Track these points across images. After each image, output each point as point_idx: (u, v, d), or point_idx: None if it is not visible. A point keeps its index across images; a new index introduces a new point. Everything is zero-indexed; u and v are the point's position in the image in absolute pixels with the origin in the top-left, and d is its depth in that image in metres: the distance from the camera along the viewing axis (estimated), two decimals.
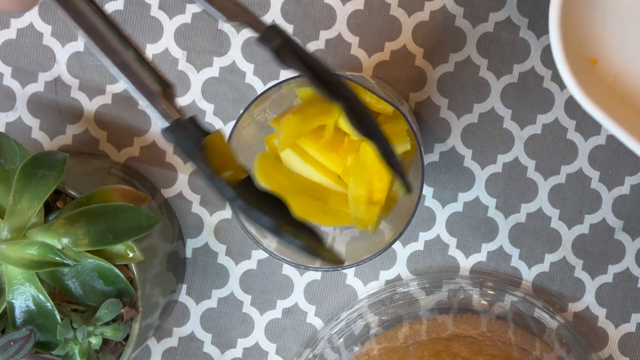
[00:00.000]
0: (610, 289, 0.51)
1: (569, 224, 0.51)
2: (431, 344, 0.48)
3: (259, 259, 0.51)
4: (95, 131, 0.50)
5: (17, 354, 0.37)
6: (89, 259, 0.40)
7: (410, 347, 0.48)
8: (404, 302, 0.50)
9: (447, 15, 0.49)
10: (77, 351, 0.39)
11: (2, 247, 0.38)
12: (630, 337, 0.52)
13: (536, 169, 0.50)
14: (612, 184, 0.51)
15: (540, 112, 0.50)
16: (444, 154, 0.50)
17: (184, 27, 0.49)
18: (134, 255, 0.41)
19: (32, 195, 0.39)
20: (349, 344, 0.50)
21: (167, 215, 0.49)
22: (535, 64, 0.50)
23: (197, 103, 0.50)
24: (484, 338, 0.49)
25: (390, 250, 0.51)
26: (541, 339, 0.50)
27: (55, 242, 0.39)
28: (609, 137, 0.50)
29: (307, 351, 0.50)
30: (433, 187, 0.50)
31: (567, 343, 0.50)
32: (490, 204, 0.50)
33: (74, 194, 0.42)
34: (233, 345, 0.51)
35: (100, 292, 0.41)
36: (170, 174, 0.50)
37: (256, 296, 0.51)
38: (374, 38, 0.49)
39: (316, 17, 0.49)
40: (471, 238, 0.51)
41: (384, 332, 0.50)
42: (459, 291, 0.50)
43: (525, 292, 0.51)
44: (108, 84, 0.50)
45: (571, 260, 0.51)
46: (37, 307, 0.39)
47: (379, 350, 0.49)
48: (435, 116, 0.50)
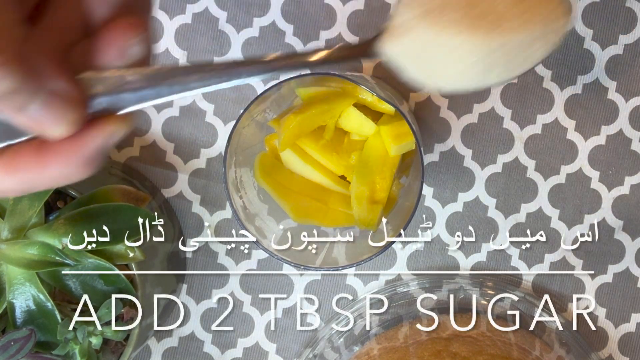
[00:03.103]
0: (610, 289, 0.51)
1: (569, 224, 0.51)
2: (431, 344, 0.48)
3: (259, 259, 0.51)
4: None
5: (18, 354, 0.37)
6: (89, 259, 0.40)
7: (410, 347, 0.48)
8: (404, 302, 0.50)
9: None
10: (77, 351, 0.39)
11: (3, 247, 0.38)
12: (630, 337, 0.52)
13: (536, 169, 0.50)
14: (612, 184, 0.51)
15: (540, 112, 0.50)
16: (444, 154, 0.50)
17: (184, 27, 0.49)
18: (134, 255, 0.41)
19: (32, 195, 0.39)
20: (349, 344, 0.50)
21: (167, 215, 0.49)
22: None
23: (197, 103, 0.50)
24: (484, 338, 0.49)
25: (390, 250, 0.51)
26: (541, 339, 0.50)
27: (55, 242, 0.39)
28: (609, 137, 0.50)
29: (307, 351, 0.50)
30: (433, 187, 0.50)
31: (567, 343, 0.50)
32: (490, 204, 0.50)
33: (74, 193, 0.42)
34: (233, 345, 0.51)
35: (100, 292, 0.41)
36: (170, 174, 0.50)
37: (256, 296, 0.51)
38: None
39: (316, 17, 0.49)
40: (471, 238, 0.51)
41: (384, 332, 0.50)
42: (459, 291, 0.50)
43: (525, 292, 0.51)
44: None
45: (571, 260, 0.51)
46: (37, 307, 0.39)
47: (379, 350, 0.49)
48: (435, 116, 0.50)
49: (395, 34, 0.24)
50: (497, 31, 0.23)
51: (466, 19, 0.23)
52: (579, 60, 0.50)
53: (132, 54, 0.22)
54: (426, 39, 0.24)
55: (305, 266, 0.41)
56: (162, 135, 0.50)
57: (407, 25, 0.24)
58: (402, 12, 0.24)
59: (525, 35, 0.24)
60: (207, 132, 0.50)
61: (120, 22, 0.22)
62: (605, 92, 0.50)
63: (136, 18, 0.22)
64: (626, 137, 0.50)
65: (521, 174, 0.50)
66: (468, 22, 0.23)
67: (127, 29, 0.22)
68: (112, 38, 0.22)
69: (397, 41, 0.24)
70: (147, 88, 0.23)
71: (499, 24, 0.23)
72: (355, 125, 0.44)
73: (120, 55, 0.22)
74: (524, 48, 0.24)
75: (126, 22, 0.22)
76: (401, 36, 0.24)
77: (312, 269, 0.43)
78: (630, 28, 0.50)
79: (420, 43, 0.24)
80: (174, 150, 0.50)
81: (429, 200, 0.50)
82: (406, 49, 0.24)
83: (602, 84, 0.50)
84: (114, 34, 0.22)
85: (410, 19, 0.23)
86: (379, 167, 0.43)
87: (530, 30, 0.24)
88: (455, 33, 0.23)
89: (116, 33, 0.22)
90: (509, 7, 0.23)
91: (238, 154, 0.43)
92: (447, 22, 0.23)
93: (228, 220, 0.51)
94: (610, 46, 0.50)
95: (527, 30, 0.24)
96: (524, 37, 0.24)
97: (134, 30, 0.22)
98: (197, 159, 0.50)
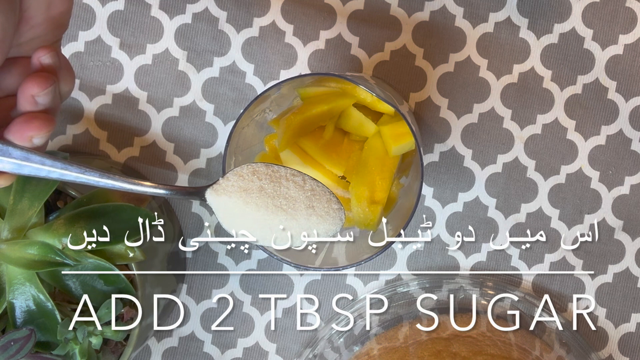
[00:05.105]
0: (610, 288, 0.51)
1: (569, 224, 0.51)
2: (431, 344, 0.48)
3: (259, 259, 0.51)
4: (96, 131, 0.50)
5: (18, 354, 0.37)
6: (89, 259, 0.40)
7: (410, 347, 0.48)
8: (404, 302, 0.50)
9: (447, 15, 0.49)
10: (77, 351, 0.39)
11: (3, 247, 0.38)
12: (630, 337, 0.52)
13: (536, 169, 0.50)
14: (612, 184, 0.51)
15: (540, 112, 0.50)
16: (444, 154, 0.50)
17: (184, 27, 0.49)
18: (134, 255, 0.41)
19: (32, 195, 0.39)
20: (349, 344, 0.50)
21: (167, 215, 0.49)
22: (535, 64, 0.50)
23: (197, 103, 0.50)
24: (484, 338, 0.49)
25: (390, 250, 0.51)
26: (541, 339, 0.50)
27: (55, 242, 0.39)
28: (609, 137, 0.50)
29: (307, 351, 0.50)
30: (433, 187, 0.50)
31: (567, 343, 0.50)
32: (490, 204, 0.50)
33: (74, 193, 0.42)
34: (233, 345, 0.51)
35: (100, 292, 0.41)
36: (170, 174, 0.50)
37: (256, 296, 0.51)
38: (374, 38, 0.49)
39: (316, 17, 0.49)
40: (471, 238, 0.51)
41: (384, 332, 0.50)
42: (459, 291, 0.50)
43: (525, 292, 0.51)
44: (108, 84, 0.50)
45: (571, 260, 0.51)
46: (37, 307, 0.39)
47: (379, 350, 0.49)
48: (435, 116, 0.50)
49: (218, 191, 0.35)
50: (285, 213, 0.35)
51: (269, 205, 0.35)
52: (579, 60, 0.50)
53: (41, 102, 0.30)
54: (235, 204, 0.35)
55: (305, 266, 0.41)
56: (162, 135, 0.50)
57: (227, 190, 0.35)
58: (230, 179, 0.35)
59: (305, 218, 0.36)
60: (207, 132, 0.50)
61: (30, 77, 0.30)
62: (605, 92, 0.50)
63: (43, 73, 0.30)
64: (626, 137, 0.50)
65: (521, 174, 0.50)
66: (266, 207, 0.35)
67: (36, 83, 0.30)
68: (23, 90, 0.30)
69: (217, 196, 0.35)
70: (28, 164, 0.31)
71: (291, 207, 0.35)
72: (355, 126, 0.44)
73: (32, 104, 0.30)
74: (303, 228, 0.36)
75: (35, 76, 0.30)
76: (221, 194, 0.35)
77: (312, 269, 0.43)
78: (630, 28, 0.50)
79: (231, 205, 0.35)
80: (174, 150, 0.50)
81: (429, 200, 0.50)
82: (221, 203, 0.35)
83: (602, 84, 0.50)
84: (24, 87, 0.30)
85: (232, 186, 0.35)
86: (379, 167, 0.43)
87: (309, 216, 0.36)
88: (254, 210, 0.35)
89: (26, 86, 0.30)
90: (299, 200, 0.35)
91: (238, 154, 0.42)
92: (254, 203, 0.35)
93: None
94: (610, 46, 0.50)
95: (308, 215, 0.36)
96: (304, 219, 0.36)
97: (42, 84, 0.30)
98: (197, 159, 0.50)
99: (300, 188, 0.36)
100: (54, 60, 0.30)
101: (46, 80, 0.30)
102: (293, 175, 0.36)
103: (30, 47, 0.31)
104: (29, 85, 0.30)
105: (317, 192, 0.36)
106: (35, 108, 0.30)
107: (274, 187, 0.35)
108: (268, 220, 0.35)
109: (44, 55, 0.30)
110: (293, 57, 0.50)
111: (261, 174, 0.35)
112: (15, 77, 0.31)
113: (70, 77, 0.32)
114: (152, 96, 0.50)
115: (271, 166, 0.35)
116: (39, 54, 0.30)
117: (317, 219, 0.36)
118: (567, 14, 0.50)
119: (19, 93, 0.30)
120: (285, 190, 0.35)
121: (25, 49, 0.31)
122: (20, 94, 0.30)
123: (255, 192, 0.35)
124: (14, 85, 0.31)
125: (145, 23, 0.49)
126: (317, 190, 0.36)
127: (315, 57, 0.50)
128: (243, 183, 0.35)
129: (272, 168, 0.35)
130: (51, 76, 0.30)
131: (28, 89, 0.30)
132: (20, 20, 0.30)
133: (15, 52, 0.31)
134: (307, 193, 0.36)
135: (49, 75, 0.30)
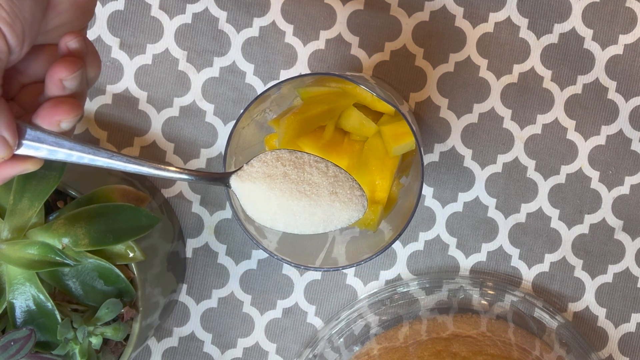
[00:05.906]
0: (610, 288, 0.51)
1: (569, 224, 0.51)
2: (431, 344, 0.48)
3: (259, 259, 0.51)
4: (96, 131, 0.50)
5: (18, 354, 0.37)
6: (90, 259, 0.40)
7: (410, 347, 0.48)
8: (404, 302, 0.50)
9: (447, 15, 0.49)
10: (77, 351, 0.39)
11: (3, 247, 0.38)
12: (630, 337, 0.52)
13: (536, 169, 0.50)
14: (612, 184, 0.51)
15: (540, 112, 0.50)
16: (444, 154, 0.50)
17: (184, 27, 0.49)
18: (134, 255, 0.41)
19: (32, 195, 0.39)
20: (349, 344, 0.50)
21: (167, 215, 0.49)
22: (535, 64, 0.50)
23: (197, 103, 0.50)
24: (484, 338, 0.49)
25: (390, 250, 0.51)
26: (541, 339, 0.50)
27: (55, 242, 0.39)
28: (609, 137, 0.50)
29: (307, 351, 0.50)
30: (433, 187, 0.50)
31: (567, 343, 0.50)
32: (490, 204, 0.50)
33: (74, 193, 0.42)
34: (233, 345, 0.51)
35: (100, 292, 0.41)
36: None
37: (256, 296, 0.51)
38: (374, 38, 0.49)
39: (316, 17, 0.49)
40: (471, 238, 0.51)
41: (384, 332, 0.50)
42: (459, 291, 0.50)
43: (525, 292, 0.51)
44: (108, 84, 0.50)
45: (571, 260, 0.51)
46: (37, 307, 0.39)
47: (379, 350, 0.49)
48: (435, 116, 0.50)
49: (242, 177, 0.35)
50: (309, 198, 0.35)
51: (293, 190, 0.35)
52: (579, 60, 0.50)
53: (69, 86, 0.30)
54: (260, 190, 0.35)
55: (305, 266, 0.41)
56: (162, 135, 0.50)
57: (252, 176, 0.35)
58: (254, 165, 0.35)
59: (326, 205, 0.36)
60: (207, 132, 0.50)
61: (58, 61, 0.30)
62: (605, 92, 0.50)
63: (71, 58, 0.30)
64: (626, 137, 0.50)
65: (521, 174, 0.50)
66: (290, 193, 0.35)
67: (63, 67, 0.30)
68: (51, 74, 0.30)
69: (241, 182, 0.35)
70: (60, 149, 0.31)
71: (315, 193, 0.35)
72: (355, 125, 0.44)
73: (60, 88, 0.30)
74: (326, 214, 0.36)
75: (63, 61, 0.30)
76: (245, 181, 0.35)
77: (312, 269, 0.43)
78: (630, 28, 0.50)
79: (255, 191, 0.35)
80: (174, 150, 0.50)
81: (429, 200, 0.50)
82: (245, 189, 0.35)
83: (602, 84, 0.50)
84: (52, 71, 0.30)
85: (256, 172, 0.35)
86: (379, 167, 0.43)
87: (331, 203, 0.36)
88: (279, 195, 0.35)
89: (54, 70, 0.30)
90: (322, 185, 0.36)
91: (238, 154, 0.42)
92: (278, 188, 0.35)
93: (228, 220, 0.51)
94: (610, 46, 0.50)
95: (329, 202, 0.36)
96: (326, 206, 0.36)
97: (69, 68, 0.30)
98: (197, 159, 0.50)
99: (324, 174, 0.35)
100: (81, 45, 0.31)
101: (74, 65, 0.30)
102: (316, 161, 0.35)
103: (56, 34, 0.31)
104: (57, 69, 0.30)
105: (340, 178, 0.36)
106: (62, 92, 0.31)
107: (298, 173, 0.35)
108: (292, 205, 0.35)
109: (72, 40, 0.30)
110: (293, 57, 0.50)
111: (285, 160, 0.35)
112: (41, 64, 0.32)
113: (96, 63, 0.32)
114: (152, 96, 0.50)
115: (295, 152, 0.35)
116: (66, 39, 0.30)
117: (340, 205, 0.36)
118: (567, 14, 0.50)
119: (47, 77, 0.30)
120: (309, 176, 0.35)
121: (52, 36, 0.31)
122: (48, 78, 0.30)
123: (279, 178, 0.35)
124: (41, 72, 0.32)
125: (145, 23, 0.49)
126: (340, 177, 0.36)
127: (315, 57, 0.50)
128: (267, 169, 0.35)
129: (295, 154, 0.35)
130: (79, 61, 0.31)
131: (56, 73, 0.30)
132: (47, 6, 0.30)
133: (42, 40, 0.31)
134: (330, 179, 0.35)
135: (76, 60, 0.30)
